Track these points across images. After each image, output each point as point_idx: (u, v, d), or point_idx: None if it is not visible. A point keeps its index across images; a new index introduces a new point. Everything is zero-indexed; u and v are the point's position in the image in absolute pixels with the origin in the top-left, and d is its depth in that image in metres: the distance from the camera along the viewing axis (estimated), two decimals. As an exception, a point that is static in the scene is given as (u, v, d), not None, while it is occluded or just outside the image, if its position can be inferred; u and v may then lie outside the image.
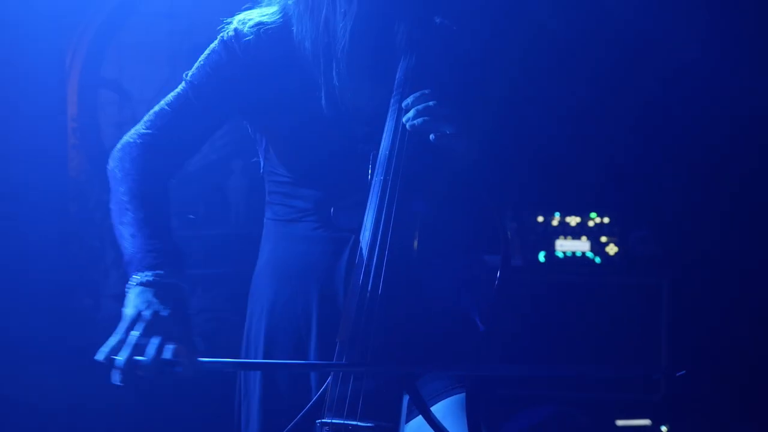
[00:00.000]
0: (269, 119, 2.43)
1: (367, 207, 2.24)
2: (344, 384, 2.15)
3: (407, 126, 2.25)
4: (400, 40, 2.35)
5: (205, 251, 4.87)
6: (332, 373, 2.18)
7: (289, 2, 2.40)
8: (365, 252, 2.20)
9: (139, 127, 2.40)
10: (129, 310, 2.16)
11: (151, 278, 2.19)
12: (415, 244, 2.25)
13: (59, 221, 4.73)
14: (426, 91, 2.27)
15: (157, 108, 2.42)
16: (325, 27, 2.34)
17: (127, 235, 2.27)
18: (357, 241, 2.27)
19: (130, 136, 2.40)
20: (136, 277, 2.20)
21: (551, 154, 4.46)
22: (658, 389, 4.44)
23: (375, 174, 2.27)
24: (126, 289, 2.20)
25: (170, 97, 2.42)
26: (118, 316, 2.18)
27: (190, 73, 2.43)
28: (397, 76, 2.33)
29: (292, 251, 2.43)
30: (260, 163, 2.52)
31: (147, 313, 2.14)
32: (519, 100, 2.50)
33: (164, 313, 2.15)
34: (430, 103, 2.25)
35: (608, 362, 4.45)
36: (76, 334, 4.54)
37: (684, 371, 2.10)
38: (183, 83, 2.42)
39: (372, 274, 2.18)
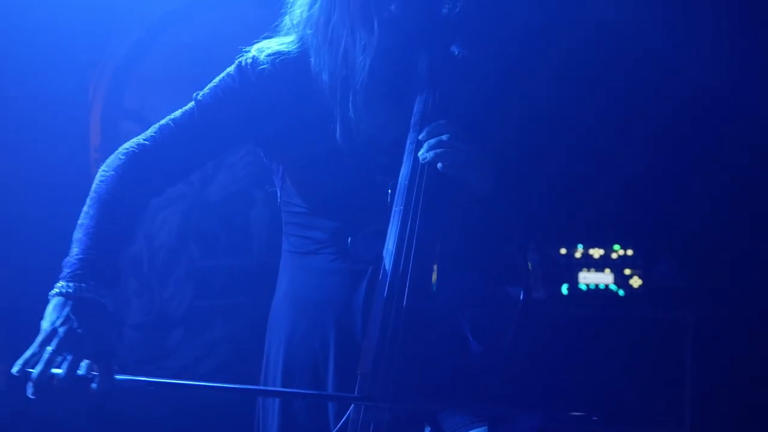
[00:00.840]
0: (284, 149, 2.43)
1: (387, 237, 2.23)
2: (366, 416, 2.13)
3: (420, 159, 2.25)
4: (419, 71, 2.35)
5: (227, 281, 4.87)
6: (353, 406, 2.16)
7: (308, 32, 2.39)
8: (385, 284, 2.19)
9: (140, 137, 2.38)
10: (45, 323, 2.13)
11: (72, 290, 2.14)
12: (434, 276, 2.23)
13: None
14: (441, 122, 2.27)
15: (162, 121, 2.39)
16: (344, 59, 2.33)
17: (75, 238, 2.24)
18: (374, 273, 2.27)
19: (128, 143, 2.37)
20: (59, 285, 2.16)
21: (574, 185, 4.44)
22: (683, 424, 4.39)
23: (394, 204, 2.26)
24: (48, 296, 2.17)
25: (177, 113, 2.40)
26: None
27: (201, 94, 2.41)
28: (415, 108, 2.33)
29: (310, 283, 2.42)
30: (277, 193, 2.51)
31: (62, 330, 2.11)
32: (540, 131, 2.46)
33: (79, 330, 2.11)
34: (444, 137, 2.24)
35: (632, 397, 4.40)
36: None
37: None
38: (192, 102, 2.41)
39: (393, 306, 2.17)
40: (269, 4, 2.55)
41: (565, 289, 4.59)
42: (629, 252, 4.60)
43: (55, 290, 2.16)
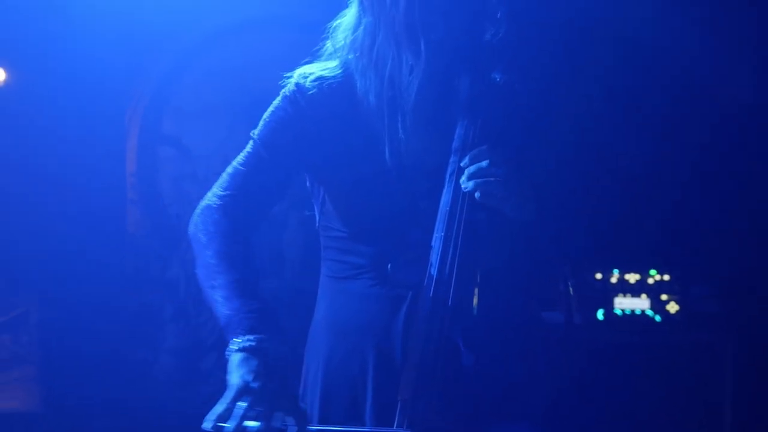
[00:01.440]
0: (330, 173, 2.43)
1: (429, 263, 2.23)
2: None
3: (464, 186, 2.25)
4: (461, 95, 2.35)
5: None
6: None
7: (350, 57, 2.40)
8: (426, 310, 2.19)
9: (216, 190, 2.40)
10: (234, 379, 2.12)
11: (253, 343, 2.15)
12: (476, 300, 2.23)
13: (118, 276, 4.77)
14: (483, 148, 2.27)
15: (230, 169, 2.42)
16: (390, 81, 2.33)
17: (220, 299, 2.24)
18: (414, 299, 2.26)
19: (208, 199, 2.39)
20: (237, 341, 2.16)
21: (610, 210, 4.42)
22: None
23: (436, 230, 2.25)
24: (226, 354, 2.17)
25: (241, 157, 2.42)
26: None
27: (257, 132, 2.43)
28: (456, 133, 2.33)
29: (349, 308, 2.41)
30: (316, 217, 2.52)
31: (255, 385, 2.11)
32: (580, 157, 2.46)
33: (272, 384, 2.12)
34: (483, 164, 2.24)
35: (670, 425, 4.36)
36: (133, 387, 4.56)
37: None
38: (251, 142, 2.43)
39: (435, 331, 2.16)
40: (304, 29, 2.58)
41: (600, 314, 4.54)
42: (666, 277, 4.56)
43: (234, 346, 2.16)
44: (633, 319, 4.55)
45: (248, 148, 2.43)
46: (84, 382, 4.44)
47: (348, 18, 2.41)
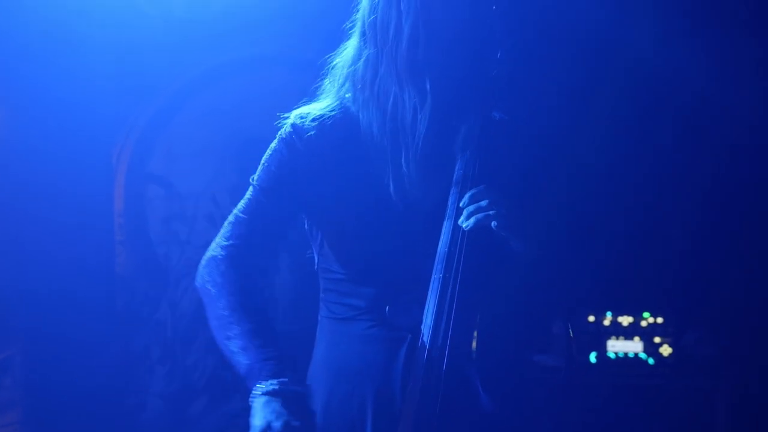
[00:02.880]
0: (328, 214, 2.42)
1: (426, 305, 2.22)
2: None
3: (464, 224, 2.25)
4: (462, 134, 2.34)
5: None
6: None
7: (347, 95, 2.40)
8: (425, 352, 2.18)
9: (220, 240, 2.42)
10: (258, 421, 2.18)
11: (276, 387, 2.21)
12: (474, 344, 2.22)
13: (105, 317, 4.74)
14: (482, 187, 2.27)
15: (231, 218, 2.43)
16: (393, 115, 2.33)
17: (237, 349, 2.28)
18: (413, 341, 2.25)
19: (212, 250, 2.42)
20: (261, 386, 2.21)
21: (604, 251, 4.41)
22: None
23: (434, 271, 2.24)
24: (251, 400, 2.22)
25: (242, 204, 2.44)
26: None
27: (256, 177, 2.44)
28: (455, 173, 2.32)
29: (348, 350, 2.41)
30: (314, 259, 2.50)
31: (277, 425, 2.16)
32: (577, 198, 2.45)
33: (295, 422, 2.16)
34: (483, 203, 2.24)
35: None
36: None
37: None
38: (251, 188, 2.44)
39: (432, 375, 2.16)
40: (297, 69, 2.57)
41: (593, 357, 4.54)
42: (659, 320, 4.55)
43: (258, 391, 2.22)
44: (626, 362, 4.54)
45: (248, 194, 2.44)
46: (71, 428, 4.40)
47: (348, 50, 2.41)
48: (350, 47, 2.40)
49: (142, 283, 4.86)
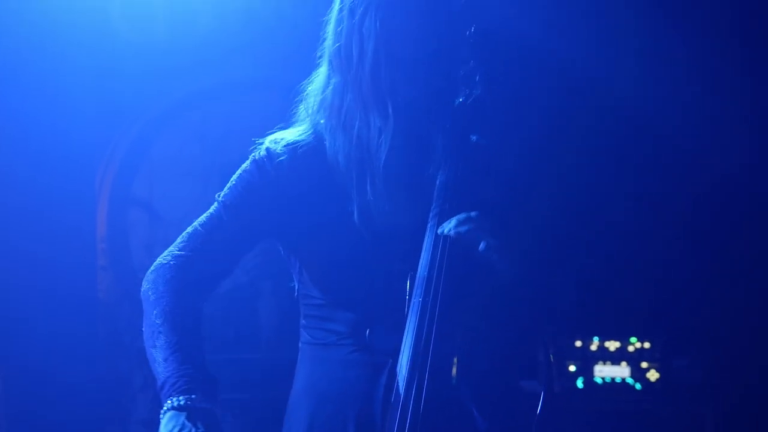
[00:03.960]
0: (302, 240, 2.41)
1: (406, 330, 2.20)
2: None
3: (449, 232, 2.23)
4: (436, 157, 2.33)
5: (234, 376, 4.80)
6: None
7: (321, 121, 2.39)
8: (404, 376, 2.16)
9: (173, 249, 2.39)
10: None
11: (183, 402, 2.19)
12: (455, 370, 2.20)
13: (87, 344, 4.71)
14: (462, 213, 2.25)
15: (190, 229, 2.41)
16: (358, 141, 2.32)
17: (159, 359, 2.27)
18: (395, 365, 2.23)
19: (163, 257, 2.39)
20: (169, 403, 2.20)
21: (590, 276, 4.40)
22: None
23: (413, 295, 2.23)
24: (160, 416, 2.20)
25: (203, 218, 2.42)
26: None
27: (222, 194, 2.42)
28: (435, 195, 2.31)
29: (330, 376, 2.38)
30: (295, 287, 2.49)
31: None
32: (559, 220, 2.43)
33: None
34: (472, 214, 2.23)
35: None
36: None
37: None
38: (215, 204, 2.42)
39: (412, 399, 2.13)
40: (280, 93, 2.57)
41: (580, 382, 4.55)
42: (646, 345, 4.55)
43: (166, 407, 2.21)
44: (613, 387, 4.54)
45: (211, 209, 2.43)
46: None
47: (319, 78, 2.41)
48: (320, 75, 2.40)
49: (125, 310, 4.82)
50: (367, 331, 2.30)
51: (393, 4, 2.28)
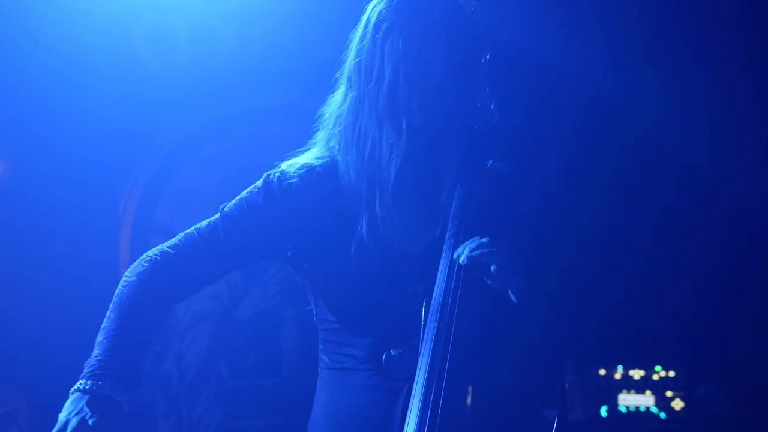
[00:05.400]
0: (313, 264, 2.42)
1: (420, 356, 2.19)
2: None
3: (462, 260, 2.21)
4: (449, 180, 2.34)
5: (256, 402, 4.80)
6: None
7: (333, 144, 2.41)
8: (418, 403, 2.14)
9: (164, 244, 2.45)
10: (62, 415, 2.24)
11: (88, 387, 2.25)
12: (469, 399, 2.20)
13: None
14: (477, 237, 2.25)
15: (188, 230, 2.45)
16: (370, 157, 2.33)
17: (97, 339, 2.34)
18: (410, 391, 2.21)
19: (153, 250, 2.45)
20: (79, 383, 2.27)
21: (614, 304, 4.38)
22: None
23: (428, 321, 2.21)
24: (69, 394, 2.27)
25: (203, 224, 2.46)
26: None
27: (227, 206, 2.45)
28: (450, 220, 2.31)
29: (347, 401, 2.39)
30: (313, 311, 2.50)
31: (74, 420, 2.21)
32: (580, 247, 2.42)
33: (90, 420, 2.21)
34: (484, 240, 2.22)
35: None
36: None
37: None
38: (218, 214, 2.45)
39: (426, 426, 2.12)
40: (302, 120, 2.57)
41: (604, 411, 4.52)
42: (671, 373, 4.52)
43: (74, 387, 2.27)
44: (637, 416, 4.50)
45: (213, 217, 2.46)
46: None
47: (336, 97, 2.43)
48: (338, 94, 2.42)
49: (147, 336, 4.82)
50: (384, 356, 2.30)
51: (417, 28, 2.29)
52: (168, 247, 2.42)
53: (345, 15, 2.50)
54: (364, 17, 2.36)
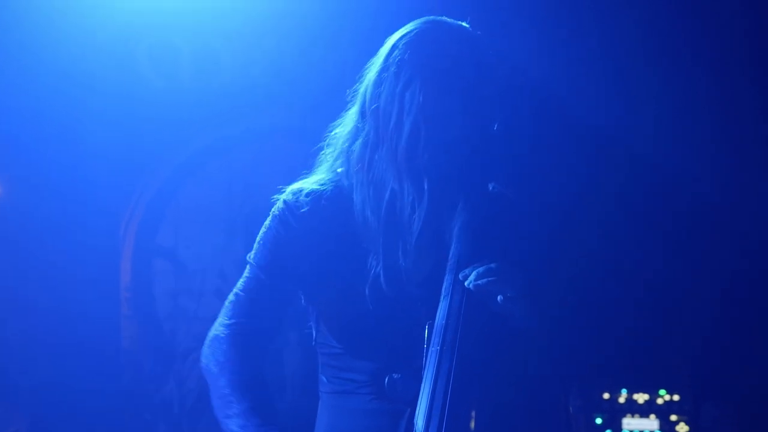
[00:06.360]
0: (320, 289, 2.40)
1: (423, 379, 2.18)
2: None
3: (469, 286, 2.20)
4: (456, 208, 2.32)
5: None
6: None
7: (339, 170, 2.40)
8: (421, 427, 2.12)
9: (222, 319, 2.43)
10: None
11: None
12: (473, 424, 2.18)
13: (111, 393, 4.71)
14: (485, 261, 2.22)
15: (232, 297, 2.44)
16: (390, 206, 2.31)
17: (237, 428, 2.31)
18: (412, 415, 2.19)
19: (215, 329, 2.43)
20: None
21: (619, 327, 4.35)
22: None
23: (431, 344, 2.20)
24: None
25: (241, 283, 2.44)
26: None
27: (253, 255, 2.44)
28: (453, 244, 2.29)
29: (349, 424, 2.37)
30: (312, 334, 2.49)
31: None
32: (585, 271, 2.40)
33: None
34: (492, 265, 2.20)
35: None
36: None
37: None
38: (248, 266, 2.44)
39: None
40: (303, 141, 2.55)
41: (608, 435, 4.48)
42: (675, 397, 4.52)
43: None
44: (642, 440, 4.48)
45: (247, 272, 2.45)
46: None
47: (348, 124, 2.39)
48: (349, 120, 2.39)
49: (149, 359, 4.83)
50: (386, 380, 2.29)
51: (438, 82, 2.26)
52: (228, 319, 2.42)
53: (348, 36, 2.49)
54: (383, 54, 2.32)
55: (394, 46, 2.31)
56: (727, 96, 4.53)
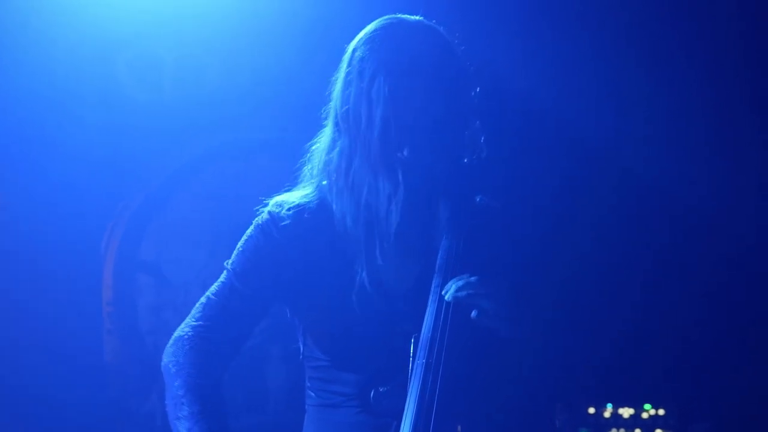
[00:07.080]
0: (306, 302, 2.41)
1: (409, 392, 2.17)
2: None
3: (448, 298, 2.21)
4: (442, 218, 2.33)
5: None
6: None
7: (323, 182, 2.40)
8: None
9: (189, 320, 2.42)
10: None
11: None
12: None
13: (93, 408, 4.68)
14: (467, 273, 2.24)
15: (204, 299, 2.44)
16: (367, 206, 2.32)
17: (184, 430, 2.29)
18: (399, 427, 2.18)
19: (181, 329, 2.42)
20: None
21: (604, 341, 4.35)
22: None
23: (417, 357, 2.20)
24: None
25: (215, 287, 2.44)
26: None
27: (230, 262, 2.44)
28: (439, 256, 2.30)
29: None
30: (300, 349, 2.49)
31: None
32: (570, 284, 2.40)
33: None
34: (472, 279, 2.21)
35: None
36: None
37: None
38: (225, 272, 2.44)
39: None
40: (290, 154, 2.56)
41: (594, 450, 4.47)
42: (661, 411, 4.53)
43: None
44: (627, 455, 4.48)
45: (222, 278, 2.45)
46: None
47: (324, 138, 2.41)
48: (326, 135, 2.40)
49: (132, 374, 4.80)
50: (372, 393, 2.29)
51: (402, 70, 2.27)
52: (195, 321, 2.40)
53: (332, 48, 2.48)
54: (345, 59, 2.35)
55: (354, 49, 2.33)
56: (720, 98, 4.53)
